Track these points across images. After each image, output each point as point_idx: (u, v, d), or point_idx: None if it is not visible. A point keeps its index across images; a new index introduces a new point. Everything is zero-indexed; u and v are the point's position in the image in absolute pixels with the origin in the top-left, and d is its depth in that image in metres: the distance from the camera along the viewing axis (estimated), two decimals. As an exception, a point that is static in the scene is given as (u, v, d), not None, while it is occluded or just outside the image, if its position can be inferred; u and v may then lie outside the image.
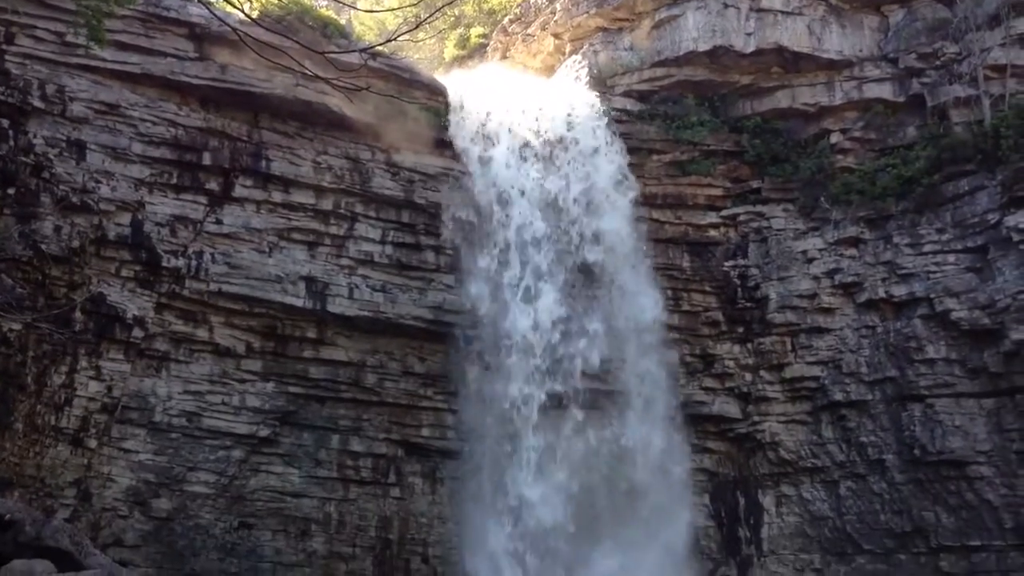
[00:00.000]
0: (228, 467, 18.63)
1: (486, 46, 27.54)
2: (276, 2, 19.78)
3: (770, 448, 20.07)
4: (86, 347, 17.07)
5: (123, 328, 17.51)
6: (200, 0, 15.11)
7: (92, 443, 17.24)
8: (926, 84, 20.19)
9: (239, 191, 18.71)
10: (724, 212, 21.07)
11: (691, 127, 21.36)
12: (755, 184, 21.17)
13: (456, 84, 21.40)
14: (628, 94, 21.81)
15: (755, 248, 20.77)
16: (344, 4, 15.87)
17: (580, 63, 22.67)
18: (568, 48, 23.56)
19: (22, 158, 16.54)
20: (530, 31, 24.74)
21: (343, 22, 22.33)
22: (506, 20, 26.50)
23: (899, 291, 19.22)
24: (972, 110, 19.37)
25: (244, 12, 10.72)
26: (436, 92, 20.58)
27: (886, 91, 20.62)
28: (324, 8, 24.44)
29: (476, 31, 29.60)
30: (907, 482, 18.77)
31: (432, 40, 30.00)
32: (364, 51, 12.08)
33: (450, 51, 29.92)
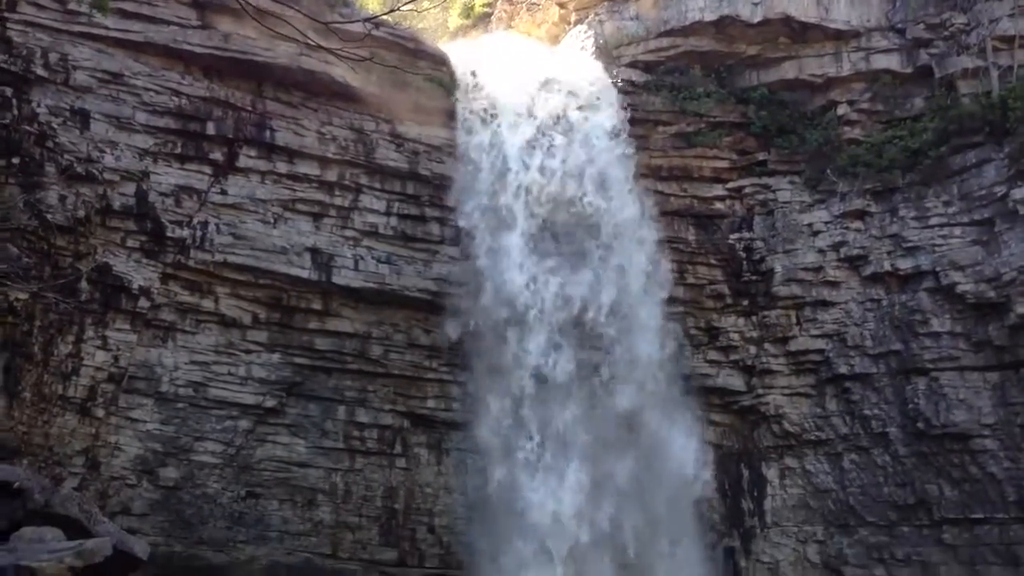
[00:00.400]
0: (235, 437, 18.71)
1: (490, 15, 27.31)
2: (279, -30, 19.56)
3: (774, 421, 20.15)
4: (92, 317, 17.07)
5: (129, 298, 17.51)
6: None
7: (99, 412, 17.30)
8: (934, 55, 20.04)
9: (243, 161, 18.61)
10: (730, 184, 20.99)
11: (697, 98, 21.22)
12: (761, 156, 21.08)
13: (461, 54, 21.23)
14: (634, 65, 21.66)
15: (761, 221, 20.72)
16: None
17: (586, 33, 22.51)
18: (573, 17, 23.37)
19: (26, 127, 16.44)
20: (535, 0, 24.54)
21: (346, -9, 22.12)
22: (510, -11, 26.26)
23: (905, 264, 19.20)
24: (980, 81, 19.23)
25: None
26: (441, 62, 20.45)
27: (893, 62, 20.48)
28: (327, -23, 24.13)
29: (480, 0, 29.35)
30: (910, 455, 18.85)
31: (436, 9, 29.69)
32: (368, 20, 11.95)
33: (454, 21, 29.68)
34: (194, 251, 18.17)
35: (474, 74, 20.56)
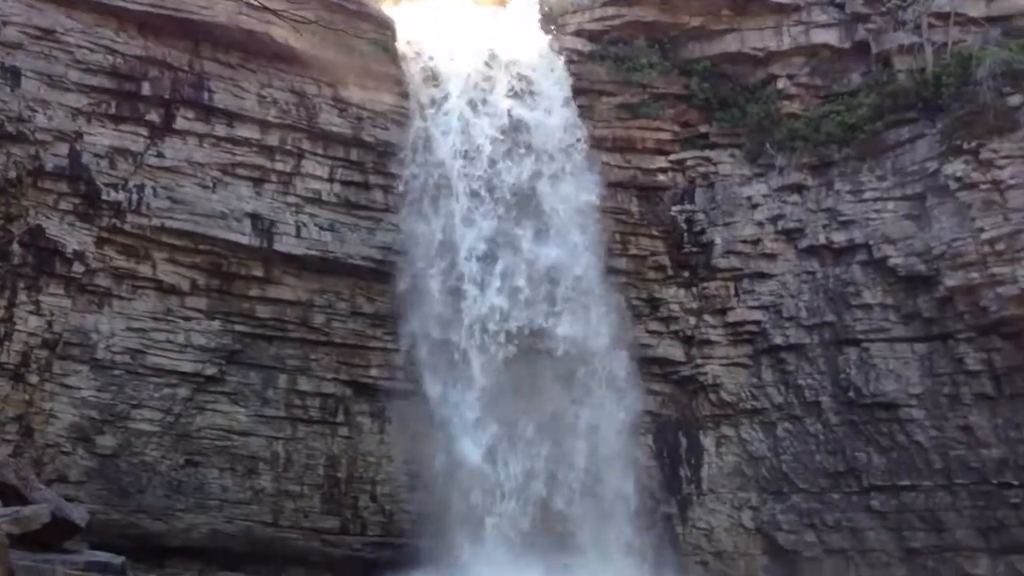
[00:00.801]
0: (173, 405, 18.42)
1: (435, -20, 26.95)
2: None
3: (712, 390, 20.52)
4: (25, 281, 16.60)
5: (63, 262, 17.04)
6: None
7: (33, 379, 16.88)
8: (871, 30, 20.34)
9: (180, 123, 18.17)
10: (672, 157, 21.13)
11: (641, 69, 21.27)
12: (703, 129, 21.26)
13: (405, 18, 20.96)
14: (579, 33, 21.61)
15: (702, 193, 20.95)
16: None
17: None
18: (518, -17, 23.17)
19: (-47, 84, 15.88)
20: (480, -34, 24.28)
21: (288, -50, 21.62)
22: (456, -47, 25.92)
23: (839, 238, 19.61)
24: (915, 58, 19.56)
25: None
26: (385, 26, 20.15)
27: (832, 37, 20.69)
28: (268, -64, 23.57)
29: (424, -35, 28.93)
30: (841, 424, 19.38)
31: (379, -27, 29.22)
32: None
33: (398, -15, 29.24)
34: (130, 215, 17.73)
35: (418, 40, 20.33)
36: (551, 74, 20.65)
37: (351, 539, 19.61)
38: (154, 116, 17.96)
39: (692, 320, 20.69)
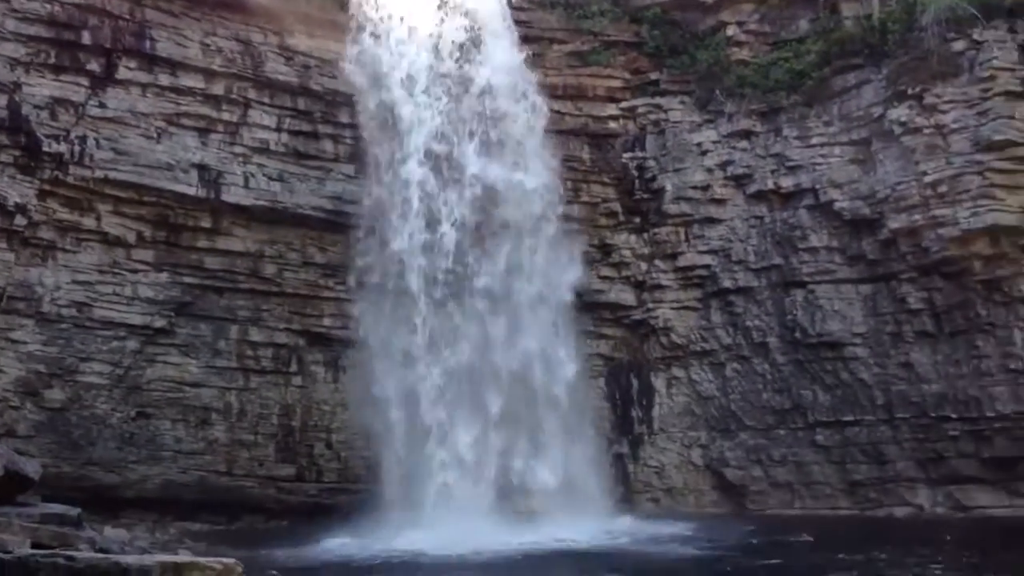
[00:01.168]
0: (123, 358, 18.30)
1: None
2: None
3: (663, 333, 20.88)
4: (-35, 235, 16.35)
5: (4, 216, 16.73)
6: None
7: (-23, 334, 16.71)
8: (819, -24, 20.48)
9: (123, 73, 17.82)
10: (623, 104, 21.22)
11: (591, 17, 21.27)
12: (654, 76, 21.35)
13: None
14: (529, -20, 21.47)
15: (653, 140, 21.09)
16: None
17: (480, -56, 22.06)
18: (468, -71, 22.84)
19: None
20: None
21: None
22: None
23: (786, 182, 19.88)
24: (862, 4, 19.75)
25: None
26: (331, -28, 19.83)
27: (782, -17, 20.84)
28: None
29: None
30: (788, 363, 19.85)
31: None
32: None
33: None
34: (73, 167, 17.42)
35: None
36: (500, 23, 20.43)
37: (307, 486, 19.81)
38: (95, 66, 17.59)
39: (643, 265, 20.97)
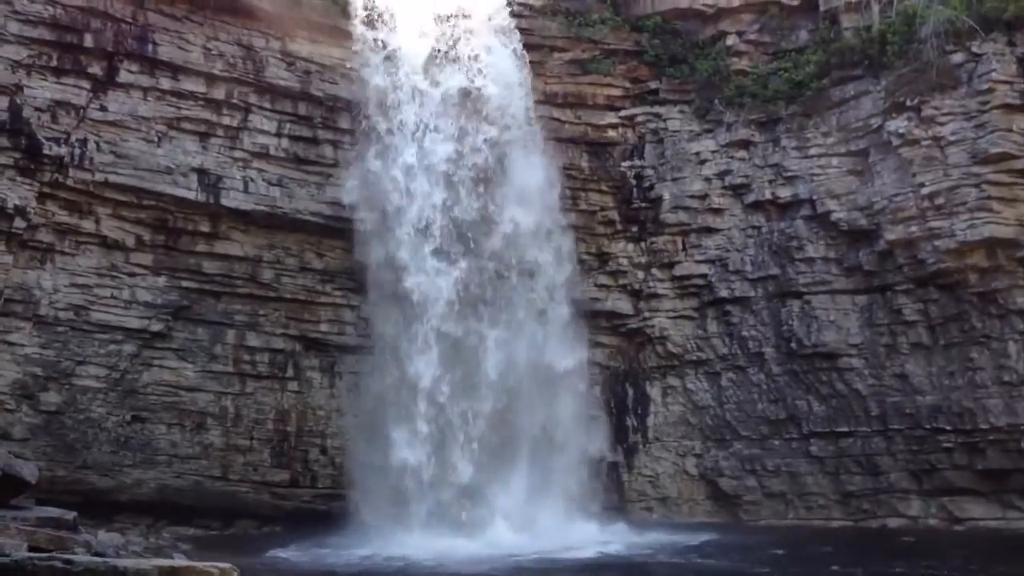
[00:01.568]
0: (119, 361, 18.35)
1: (385, -68, 26.50)
2: None
3: (659, 342, 20.94)
4: (-36, 237, 16.39)
5: (4, 218, 16.78)
6: None
7: (-26, 336, 16.75)
8: (819, -13, 20.53)
9: (124, 76, 17.86)
10: (623, 113, 21.28)
11: (592, 25, 21.33)
12: (653, 85, 21.41)
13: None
14: (531, -12, 21.52)
15: (651, 149, 21.16)
16: None
17: (482, -47, 22.13)
18: (470, -63, 22.91)
19: None
20: (430, -82, 23.92)
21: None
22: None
23: (784, 193, 19.94)
24: (862, 15, 19.80)
25: None
26: (333, -22, 19.88)
27: (781, -7, 20.91)
28: None
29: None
30: (783, 373, 19.90)
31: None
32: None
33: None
34: (73, 170, 17.46)
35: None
36: (501, 31, 20.50)
37: (301, 491, 19.86)
38: (97, 69, 17.63)
39: (640, 274, 21.03)
